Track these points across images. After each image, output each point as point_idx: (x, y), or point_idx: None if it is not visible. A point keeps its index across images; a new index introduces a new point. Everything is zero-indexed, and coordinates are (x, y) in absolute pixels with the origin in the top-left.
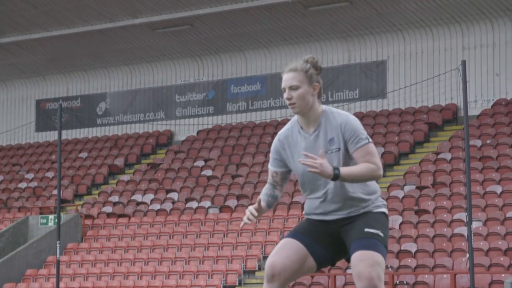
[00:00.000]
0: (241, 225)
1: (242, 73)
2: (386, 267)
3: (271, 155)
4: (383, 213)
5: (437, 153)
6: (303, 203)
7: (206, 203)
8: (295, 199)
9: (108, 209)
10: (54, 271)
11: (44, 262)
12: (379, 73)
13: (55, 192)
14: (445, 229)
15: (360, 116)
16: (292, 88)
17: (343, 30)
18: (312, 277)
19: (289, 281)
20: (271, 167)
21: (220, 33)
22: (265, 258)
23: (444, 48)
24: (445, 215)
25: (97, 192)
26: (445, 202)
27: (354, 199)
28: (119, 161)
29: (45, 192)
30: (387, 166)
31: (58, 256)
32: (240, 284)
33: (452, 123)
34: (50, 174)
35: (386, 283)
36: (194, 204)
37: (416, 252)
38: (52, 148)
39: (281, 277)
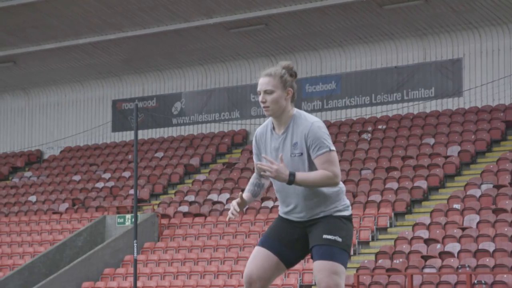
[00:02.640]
0: (226, 219)
1: (316, 72)
2: (464, 266)
3: (252, 149)
4: (344, 216)
5: None
6: (379, 202)
7: None
8: (370, 198)
9: (184, 208)
10: (131, 270)
11: (122, 261)
12: (455, 71)
13: (131, 191)
14: None
15: (436, 115)
16: (266, 92)
17: (418, 28)
18: (389, 276)
19: (265, 286)
20: (254, 159)
21: (294, 32)
22: None
23: None
24: None
25: (173, 191)
26: None
27: (314, 203)
28: (195, 161)
29: (122, 191)
30: (463, 165)
31: (135, 255)
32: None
33: None
34: (126, 174)
35: (463, 282)
36: (269, 203)
37: (494, 251)
38: (128, 148)
39: (257, 285)
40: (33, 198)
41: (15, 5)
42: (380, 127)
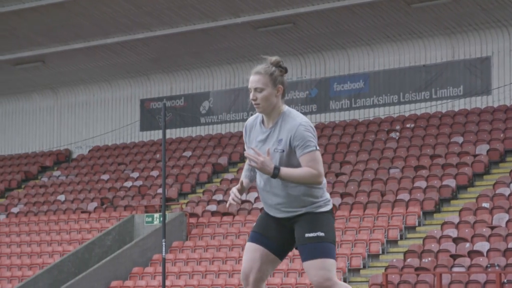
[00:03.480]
0: (227, 205)
1: (345, 71)
2: (493, 265)
3: (243, 137)
4: (325, 212)
5: None
6: (408, 201)
7: None
8: (399, 196)
9: (213, 207)
10: (160, 269)
11: (150, 260)
12: (484, 69)
13: (160, 191)
14: None
15: (465, 113)
16: (257, 90)
17: (446, 27)
18: (418, 275)
19: (262, 279)
20: (246, 147)
21: (322, 31)
22: (370, 256)
23: None
24: None
25: (201, 190)
26: None
27: (295, 200)
28: (223, 160)
29: (150, 191)
30: (492, 164)
31: (163, 254)
32: (345, 282)
33: None
34: (154, 173)
35: (493, 281)
36: None
37: None
38: (156, 147)
39: (251, 279)
40: (62, 197)
41: (44, 5)
42: (408, 125)
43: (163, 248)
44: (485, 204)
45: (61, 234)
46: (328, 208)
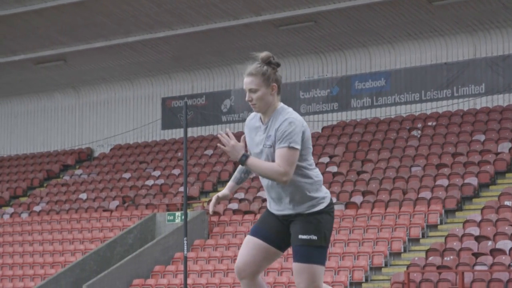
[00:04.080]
0: (210, 211)
1: (366, 69)
2: None
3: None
4: (320, 211)
5: None
6: (429, 199)
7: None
8: (421, 195)
9: (234, 205)
10: (181, 267)
11: (172, 258)
12: (506, 67)
13: (181, 189)
14: None
15: (487, 111)
16: (251, 91)
17: (468, 24)
18: (440, 273)
19: (258, 271)
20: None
21: (343, 29)
22: (391, 254)
23: None
24: None
25: (222, 189)
26: None
27: (292, 198)
28: None
29: (171, 189)
30: None
31: (185, 252)
32: (366, 280)
33: None
34: (176, 172)
35: None
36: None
37: None
38: (178, 146)
39: (247, 272)
40: (83, 196)
41: (65, 4)
42: (430, 123)
43: (185, 246)
44: (507, 202)
45: (83, 232)
46: (323, 206)
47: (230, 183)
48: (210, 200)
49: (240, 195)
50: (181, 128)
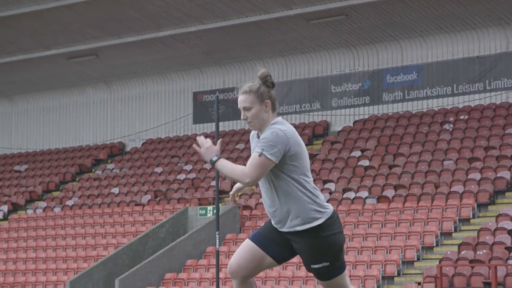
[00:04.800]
0: (230, 199)
1: (397, 62)
2: None
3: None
4: (320, 227)
5: None
6: (462, 193)
7: (364, 193)
8: (453, 188)
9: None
10: (213, 261)
11: (204, 252)
12: None
13: (213, 183)
14: None
15: None
16: (245, 109)
17: (500, 17)
18: (472, 267)
19: (250, 276)
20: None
21: (375, 23)
22: (424, 248)
23: None
24: None
25: None
26: None
27: (286, 212)
28: None
29: (203, 183)
30: None
31: (217, 246)
32: (399, 274)
33: None
34: (208, 166)
35: None
36: (351, 195)
37: None
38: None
39: (238, 274)
40: (115, 190)
41: None
42: (462, 117)
43: (217, 240)
44: None
45: (115, 226)
46: (321, 220)
47: None
48: (242, 194)
49: None
50: (212, 122)
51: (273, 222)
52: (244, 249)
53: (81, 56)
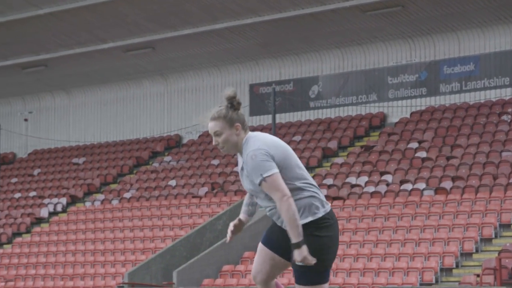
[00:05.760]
0: (227, 240)
1: (455, 53)
2: None
3: None
4: (310, 224)
5: None
6: (506, 185)
7: (421, 185)
8: None
9: (323, 191)
10: None
11: None
12: None
13: None
14: None
15: None
16: (216, 134)
17: None
18: (500, 260)
19: (269, 278)
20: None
21: (432, 14)
22: (482, 240)
23: None
24: None
25: (311, 175)
26: None
27: (277, 212)
28: (333, 144)
29: None
30: None
31: None
32: (457, 266)
33: None
34: None
35: None
36: (408, 186)
37: None
38: (266, 132)
39: (258, 278)
40: (172, 183)
41: None
42: None
43: None
44: None
45: (172, 219)
46: (310, 219)
47: (243, 215)
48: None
49: (329, 181)
50: (269, 114)
51: (274, 219)
52: (258, 253)
53: (137, 49)
